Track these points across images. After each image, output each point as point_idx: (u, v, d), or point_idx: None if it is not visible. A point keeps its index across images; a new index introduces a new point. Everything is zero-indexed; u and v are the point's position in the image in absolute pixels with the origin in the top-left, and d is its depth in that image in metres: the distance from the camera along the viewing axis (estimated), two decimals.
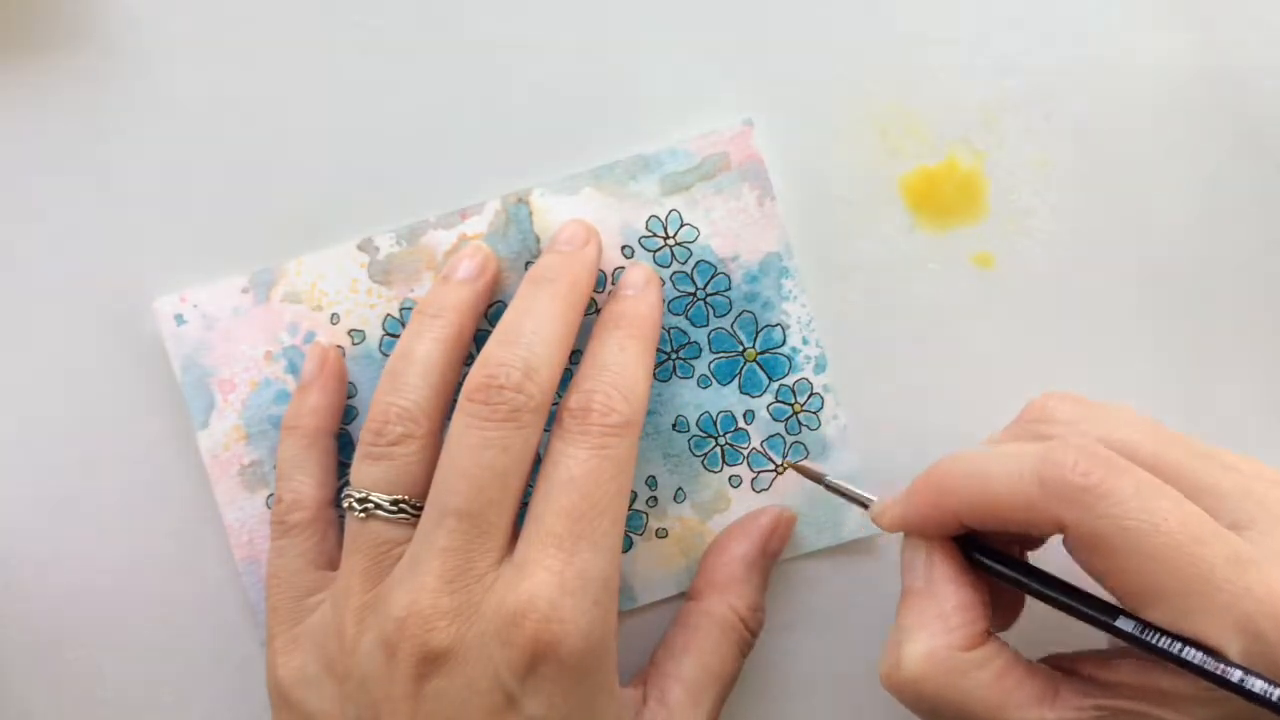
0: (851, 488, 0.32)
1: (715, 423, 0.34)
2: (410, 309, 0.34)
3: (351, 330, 0.34)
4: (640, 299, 0.32)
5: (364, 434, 0.31)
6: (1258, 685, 0.25)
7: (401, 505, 0.30)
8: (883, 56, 0.34)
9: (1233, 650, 0.25)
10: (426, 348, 0.31)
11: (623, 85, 0.34)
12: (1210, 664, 0.25)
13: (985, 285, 0.35)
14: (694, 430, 0.34)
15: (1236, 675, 0.25)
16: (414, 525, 0.30)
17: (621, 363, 0.31)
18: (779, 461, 0.34)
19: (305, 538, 0.32)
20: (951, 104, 0.34)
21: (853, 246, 0.34)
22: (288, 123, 0.35)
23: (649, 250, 0.34)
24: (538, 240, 0.34)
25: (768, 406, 0.34)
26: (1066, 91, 0.34)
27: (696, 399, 0.34)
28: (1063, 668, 0.28)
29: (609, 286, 0.34)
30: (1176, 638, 0.26)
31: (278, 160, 0.35)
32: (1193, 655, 0.25)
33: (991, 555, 0.29)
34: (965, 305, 0.34)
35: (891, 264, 0.35)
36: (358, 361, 0.34)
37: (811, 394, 0.34)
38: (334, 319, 0.34)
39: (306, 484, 0.33)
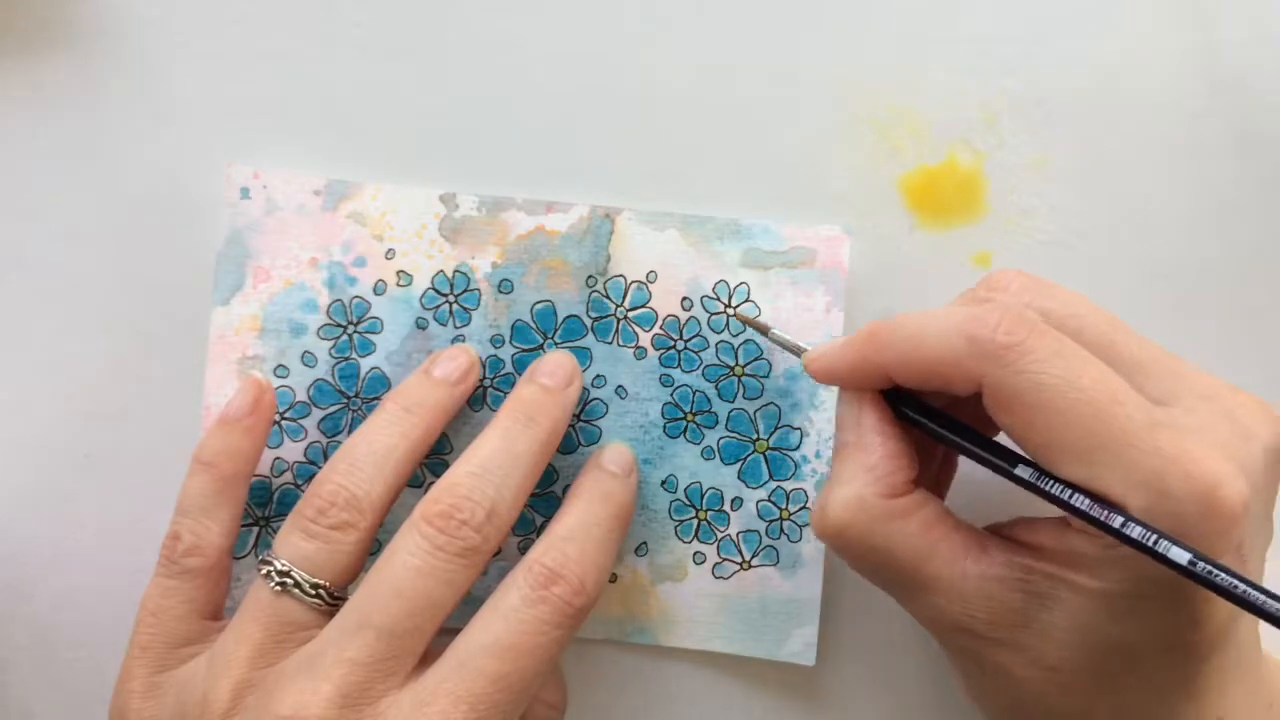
0: (790, 338, 0.32)
1: (703, 497, 0.34)
2: (465, 273, 0.34)
3: (401, 271, 0.34)
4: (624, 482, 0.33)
5: (303, 506, 0.30)
6: (1136, 531, 0.25)
7: (320, 591, 0.29)
8: (883, 56, 0.35)
9: (1135, 504, 0.25)
10: (392, 441, 0.31)
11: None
12: (1096, 510, 0.25)
13: None
14: (680, 495, 0.34)
15: (1118, 521, 0.25)
16: (325, 614, 0.29)
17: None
18: (746, 558, 0.34)
19: (196, 585, 0.31)
20: (951, 104, 0.35)
21: (852, 246, 0.34)
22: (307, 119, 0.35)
23: (708, 311, 0.34)
24: (608, 259, 0.34)
25: (758, 502, 0.34)
26: (1066, 91, 0.34)
27: (694, 467, 0.34)
28: (998, 532, 0.29)
29: (656, 329, 0.34)
30: (1069, 485, 0.26)
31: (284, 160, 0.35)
32: (1080, 501, 0.26)
33: (917, 409, 0.29)
34: None
35: (891, 264, 0.35)
36: (395, 302, 0.34)
37: (804, 507, 0.34)
38: (389, 254, 0.34)
39: (212, 531, 0.31)
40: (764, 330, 0.33)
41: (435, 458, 0.34)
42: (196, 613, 0.31)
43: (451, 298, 0.34)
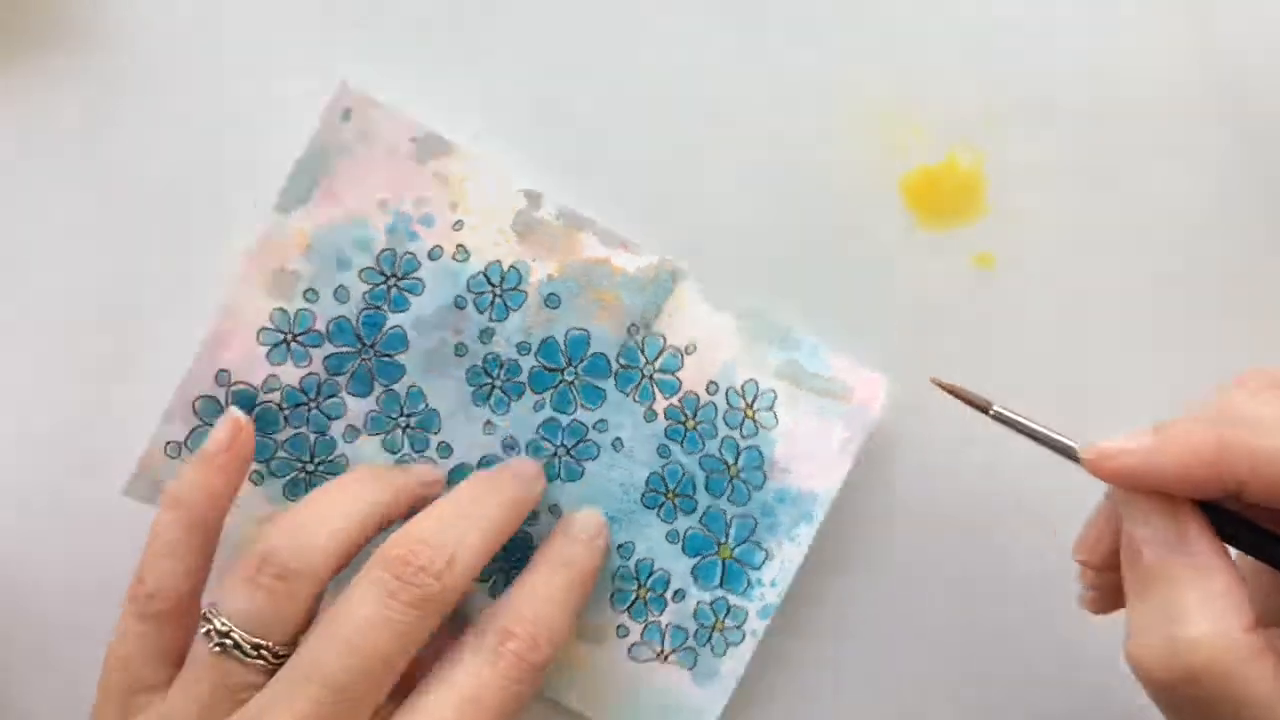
0: (1060, 437, 0.27)
1: (650, 575, 0.34)
2: (520, 272, 0.33)
3: (461, 245, 0.34)
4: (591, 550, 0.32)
5: (247, 556, 0.29)
6: None
7: (262, 651, 0.28)
8: (883, 56, 0.34)
9: None
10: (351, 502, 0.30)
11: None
12: None
13: (985, 285, 0.34)
14: (629, 563, 0.34)
15: None
16: (270, 672, 0.28)
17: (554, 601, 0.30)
18: (666, 650, 0.34)
19: (160, 631, 0.29)
20: (951, 104, 0.34)
21: (853, 246, 0.34)
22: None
23: (729, 404, 0.34)
24: (657, 312, 0.34)
25: (699, 603, 0.34)
26: (1066, 91, 0.34)
27: (654, 543, 0.34)
28: None
29: (674, 400, 0.34)
30: None
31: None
32: None
33: (1238, 523, 0.24)
34: (965, 305, 0.34)
35: (891, 264, 0.34)
36: (443, 273, 0.34)
37: (739, 627, 0.33)
38: (457, 225, 0.34)
39: (174, 575, 0.29)
40: (984, 408, 0.28)
41: (419, 433, 0.34)
42: (160, 658, 0.30)
43: (499, 290, 0.34)
